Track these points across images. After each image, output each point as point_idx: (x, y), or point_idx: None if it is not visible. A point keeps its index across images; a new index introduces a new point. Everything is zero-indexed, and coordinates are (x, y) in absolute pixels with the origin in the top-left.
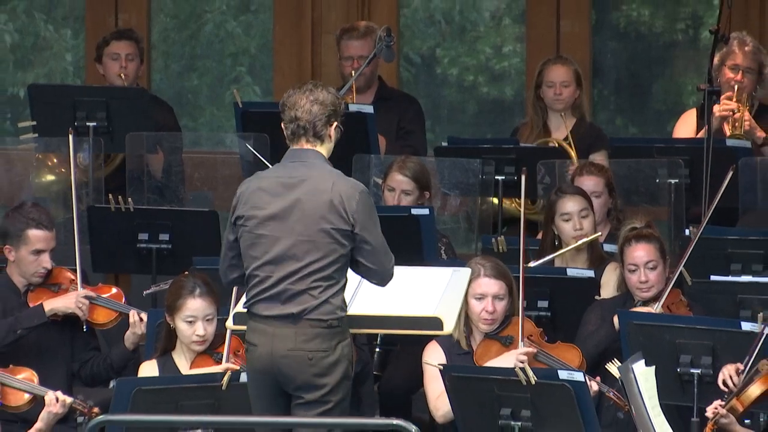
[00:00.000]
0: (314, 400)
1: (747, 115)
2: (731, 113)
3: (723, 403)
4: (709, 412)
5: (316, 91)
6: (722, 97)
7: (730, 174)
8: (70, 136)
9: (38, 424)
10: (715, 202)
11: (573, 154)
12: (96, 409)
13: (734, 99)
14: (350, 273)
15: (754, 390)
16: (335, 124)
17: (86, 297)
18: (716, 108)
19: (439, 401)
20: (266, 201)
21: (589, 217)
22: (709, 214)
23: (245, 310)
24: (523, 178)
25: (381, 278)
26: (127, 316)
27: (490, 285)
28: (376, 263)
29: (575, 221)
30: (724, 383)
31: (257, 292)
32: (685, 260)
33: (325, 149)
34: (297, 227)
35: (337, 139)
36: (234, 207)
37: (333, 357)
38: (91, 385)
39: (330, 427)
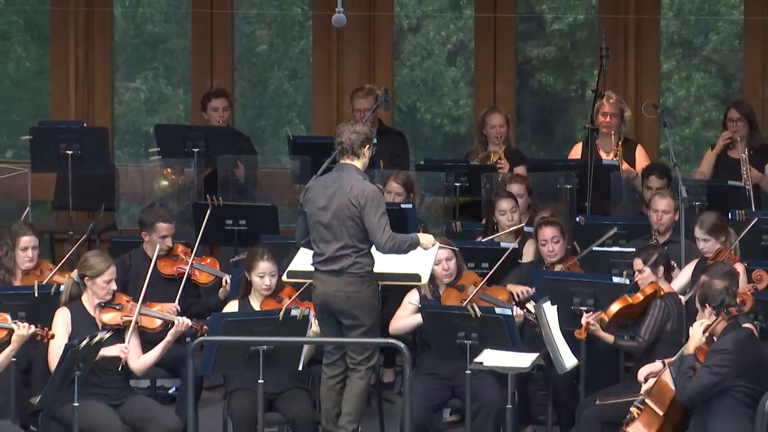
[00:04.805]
0: (353, 325)
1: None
2: (598, 148)
3: (594, 315)
4: (583, 321)
5: (356, 125)
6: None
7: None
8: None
9: (168, 337)
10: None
11: (502, 155)
12: (205, 327)
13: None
14: None
15: (614, 307)
16: (368, 146)
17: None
18: (598, 141)
19: (396, 320)
20: (319, 196)
21: (516, 212)
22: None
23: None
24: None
25: (377, 246)
26: (220, 279)
27: (443, 252)
28: (372, 236)
29: (508, 215)
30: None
31: (317, 255)
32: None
33: (360, 163)
34: (336, 214)
35: (371, 155)
36: (300, 199)
37: (363, 295)
38: (195, 317)
39: (344, 344)
